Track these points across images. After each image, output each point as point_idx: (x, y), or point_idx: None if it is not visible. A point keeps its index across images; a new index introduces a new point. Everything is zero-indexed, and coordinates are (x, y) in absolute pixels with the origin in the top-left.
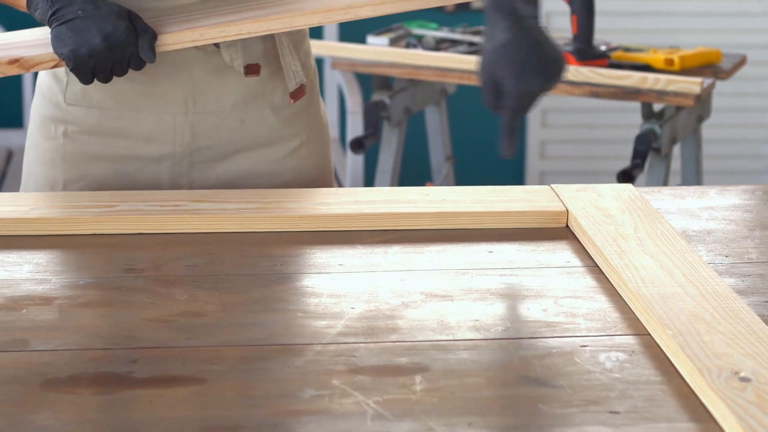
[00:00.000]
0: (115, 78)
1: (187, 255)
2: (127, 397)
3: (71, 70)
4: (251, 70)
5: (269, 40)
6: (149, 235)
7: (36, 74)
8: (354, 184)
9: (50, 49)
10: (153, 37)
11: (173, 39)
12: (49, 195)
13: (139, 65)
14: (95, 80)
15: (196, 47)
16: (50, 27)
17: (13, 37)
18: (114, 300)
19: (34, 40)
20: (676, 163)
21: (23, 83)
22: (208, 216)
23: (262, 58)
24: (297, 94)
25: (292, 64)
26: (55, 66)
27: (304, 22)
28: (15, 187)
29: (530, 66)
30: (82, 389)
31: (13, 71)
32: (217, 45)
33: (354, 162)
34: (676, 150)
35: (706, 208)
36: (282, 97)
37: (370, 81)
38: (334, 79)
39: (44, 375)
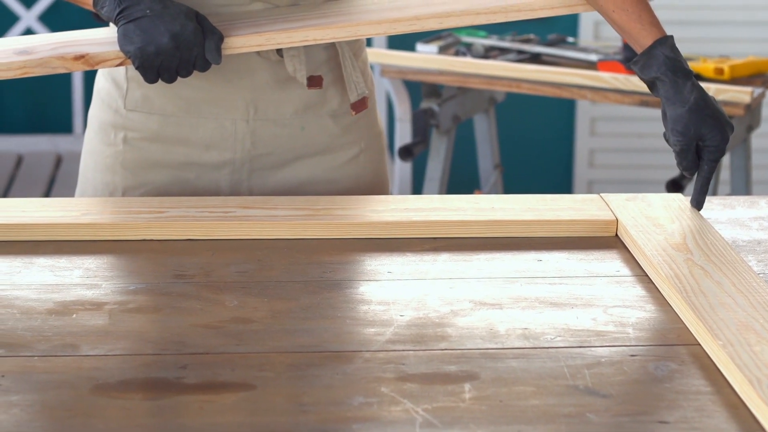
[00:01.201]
0: (176, 84)
1: (236, 261)
2: (177, 403)
3: (137, 67)
4: (314, 82)
5: (331, 48)
6: (199, 241)
7: (88, 80)
8: (402, 192)
9: (116, 47)
10: (220, 38)
11: (239, 42)
12: (99, 200)
13: (205, 66)
14: (159, 80)
15: (260, 55)
16: (117, 25)
17: (80, 35)
18: (164, 305)
19: (100, 38)
20: (725, 173)
21: (73, 89)
22: (257, 222)
23: (324, 66)
24: (358, 105)
25: (354, 75)
26: (120, 64)
27: (370, 31)
28: (64, 192)
29: (723, 117)
30: (132, 394)
31: (78, 67)
32: (280, 55)
33: (402, 169)
34: (725, 159)
35: (756, 218)
36: (341, 105)
37: (419, 88)
38: (382, 86)
39: (94, 380)
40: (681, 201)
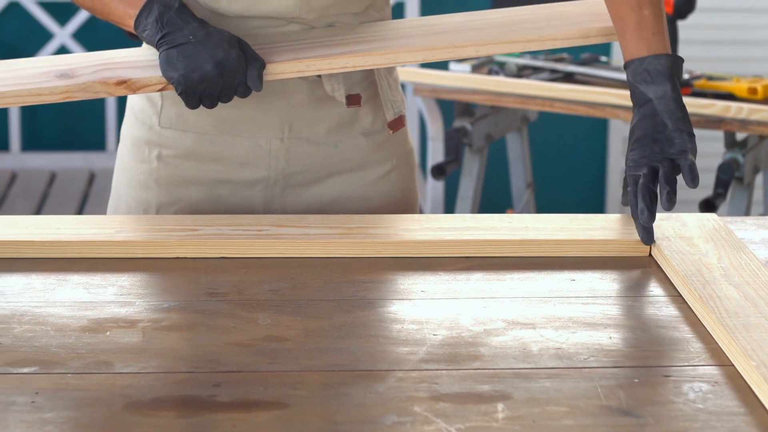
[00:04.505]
0: None
1: (269, 279)
2: (210, 421)
3: (179, 94)
4: (353, 100)
5: None
6: (232, 260)
7: (121, 97)
8: (434, 211)
9: (158, 72)
10: (262, 66)
11: (280, 68)
12: (133, 218)
13: (246, 93)
14: (201, 106)
15: None
16: (158, 50)
17: (119, 55)
18: (197, 323)
19: (140, 62)
20: (758, 193)
21: (106, 106)
22: (291, 241)
23: (359, 85)
24: (395, 124)
25: (390, 94)
26: (162, 89)
27: (409, 58)
28: (98, 209)
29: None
30: (165, 412)
31: (120, 92)
32: (318, 75)
33: (435, 188)
34: (759, 179)
35: None
36: (374, 123)
37: (452, 107)
38: (415, 105)
39: (128, 398)
40: (716, 221)
